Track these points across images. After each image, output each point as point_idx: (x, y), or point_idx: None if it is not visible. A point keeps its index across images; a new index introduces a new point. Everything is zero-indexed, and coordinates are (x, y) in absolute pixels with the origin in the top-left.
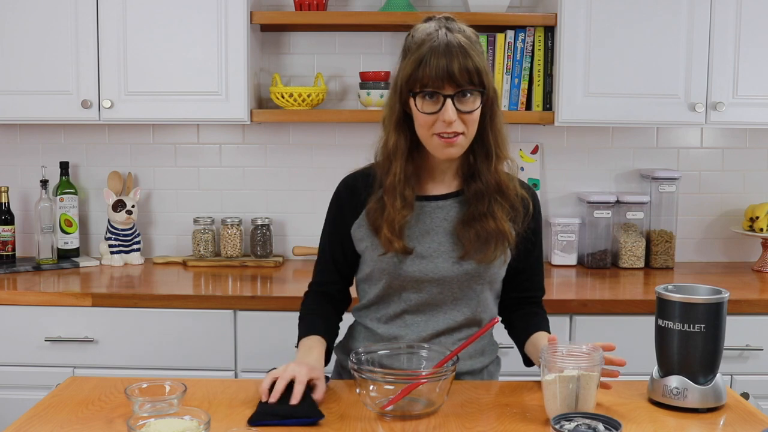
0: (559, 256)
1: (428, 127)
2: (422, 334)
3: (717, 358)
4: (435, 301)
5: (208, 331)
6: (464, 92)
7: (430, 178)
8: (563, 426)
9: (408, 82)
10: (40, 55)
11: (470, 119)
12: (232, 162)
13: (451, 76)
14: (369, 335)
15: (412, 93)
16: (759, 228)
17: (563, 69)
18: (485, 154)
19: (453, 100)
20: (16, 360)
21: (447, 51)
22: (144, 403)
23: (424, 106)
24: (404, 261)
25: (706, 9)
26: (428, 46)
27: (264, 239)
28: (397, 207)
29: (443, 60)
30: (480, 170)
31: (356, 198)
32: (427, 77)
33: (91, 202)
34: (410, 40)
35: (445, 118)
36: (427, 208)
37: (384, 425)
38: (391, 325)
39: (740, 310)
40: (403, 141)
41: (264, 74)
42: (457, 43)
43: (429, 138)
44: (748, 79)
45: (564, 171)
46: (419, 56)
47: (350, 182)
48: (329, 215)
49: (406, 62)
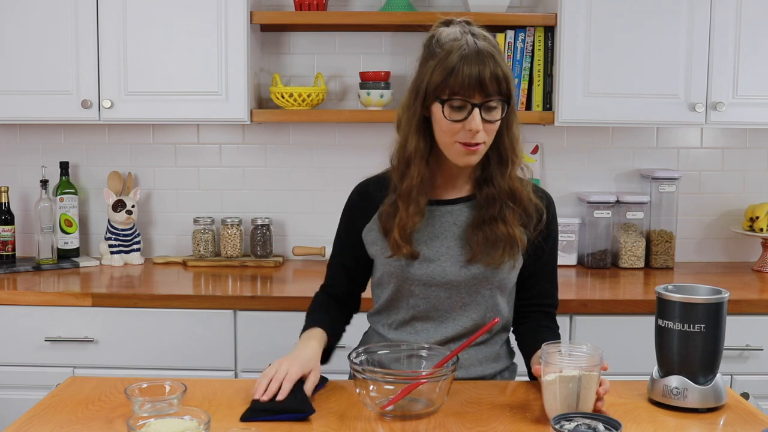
0: (559, 256)
1: (452, 135)
2: (431, 341)
3: (717, 358)
4: (444, 307)
5: (208, 331)
6: (491, 103)
7: (443, 182)
8: (563, 426)
9: (437, 89)
10: (40, 55)
11: (493, 129)
12: (232, 162)
13: (482, 85)
14: (380, 341)
15: (440, 100)
16: (759, 228)
17: (563, 69)
18: (499, 160)
19: (480, 109)
20: (16, 360)
21: (479, 59)
22: (144, 403)
23: (450, 114)
24: (412, 264)
25: (706, 9)
26: (458, 54)
27: (264, 239)
28: (411, 212)
29: (475, 68)
30: (494, 176)
31: (368, 202)
32: (458, 85)
33: (91, 202)
34: (434, 43)
35: (472, 127)
36: (437, 212)
37: (384, 425)
38: (401, 332)
39: (740, 310)
40: (423, 145)
41: (264, 74)
42: (486, 50)
43: (450, 145)
44: (748, 79)
45: (564, 171)
46: (450, 64)
47: (363, 188)
48: (342, 220)
49: (435, 68)
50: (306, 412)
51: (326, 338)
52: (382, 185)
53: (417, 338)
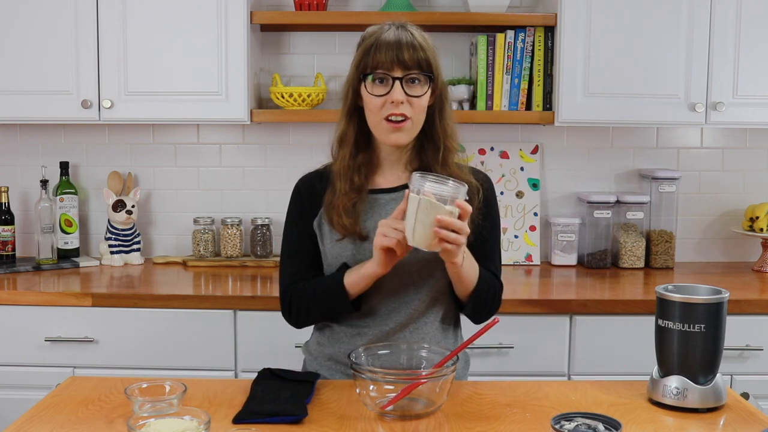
0: (559, 256)
1: (377, 111)
2: (385, 328)
3: (717, 358)
4: (396, 292)
5: (208, 331)
6: (412, 77)
7: (381, 171)
8: (563, 426)
9: (359, 67)
10: (40, 55)
11: (418, 104)
12: (232, 162)
13: (401, 60)
14: (334, 332)
15: (362, 76)
16: (759, 228)
17: (563, 69)
18: (435, 148)
19: (402, 82)
20: (16, 360)
21: (397, 41)
22: (144, 403)
23: (373, 89)
24: (362, 247)
25: (706, 9)
26: (378, 34)
27: (264, 239)
28: (345, 190)
29: (393, 43)
30: (431, 165)
31: (314, 195)
32: (376, 60)
33: (91, 202)
34: (362, 36)
35: (393, 98)
36: (381, 200)
37: (384, 425)
38: (355, 318)
39: (740, 310)
40: (351, 129)
41: (264, 74)
42: (408, 36)
43: (378, 123)
44: (748, 79)
45: (564, 171)
46: (369, 43)
47: (307, 181)
48: (291, 214)
49: (358, 51)
50: (299, 416)
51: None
52: (323, 179)
53: (372, 324)
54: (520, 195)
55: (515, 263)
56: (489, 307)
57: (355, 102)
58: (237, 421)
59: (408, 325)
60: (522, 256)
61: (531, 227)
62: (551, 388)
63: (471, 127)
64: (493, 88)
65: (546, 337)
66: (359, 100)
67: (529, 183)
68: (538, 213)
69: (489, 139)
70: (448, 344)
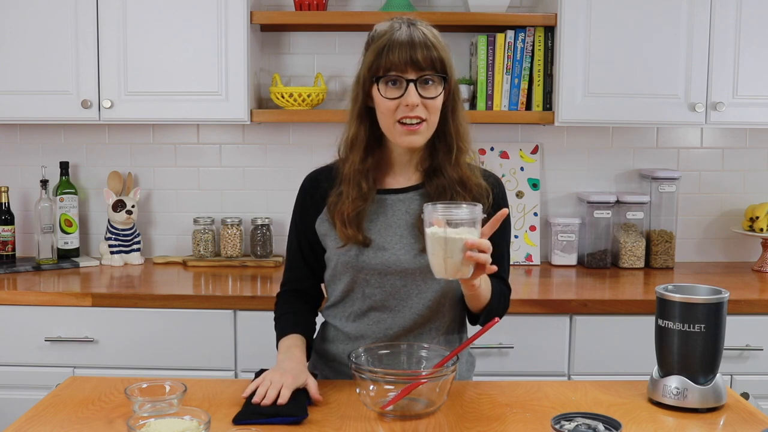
0: (559, 256)
1: (391, 114)
2: (389, 331)
3: (717, 358)
4: (400, 295)
5: (208, 331)
6: (426, 79)
7: (391, 171)
8: (563, 426)
9: (371, 69)
10: (40, 55)
11: (432, 106)
12: (232, 162)
13: (414, 61)
14: (338, 334)
15: (375, 78)
16: (759, 228)
17: (563, 69)
18: (447, 149)
19: (416, 84)
20: (16, 360)
21: (410, 37)
22: (144, 403)
23: (387, 92)
24: (364, 252)
25: (706, 9)
26: (390, 35)
27: (264, 239)
28: (352, 197)
29: (406, 44)
30: (442, 165)
31: (319, 193)
32: (389, 62)
33: (91, 202)
34: (371, 36)
35: (408, 101)
36: (388, 201)
37: (384, 425)
38: (359, 323)
39: (740, 310)
40: (362, 132)
41: (264, 74)
42: (420, 34)
43: (392, 126)
44: (748, 79)
45: (564, 171)
46: (383, 43)
47: (313, 178)
48: (295, 213)
49: (370, 52)
50: (299, 416)
51: (305, 341)
52: (330, 176)
53: (374, 329)
54: (520, 195)
55: (515, 263)
56: (499, 315)
57: (365, 104)
58: (237, 421)
59: (413, 331)
60: (522, 256)
61: (531, 227)
62: (551, 388)
63: (471, 127)
64: (493, 88)
65: (546, 337)
66: (370, 101)
67: (529, 183)
68: (538, 213)
69: (489, 139)
70: (452, 346)
